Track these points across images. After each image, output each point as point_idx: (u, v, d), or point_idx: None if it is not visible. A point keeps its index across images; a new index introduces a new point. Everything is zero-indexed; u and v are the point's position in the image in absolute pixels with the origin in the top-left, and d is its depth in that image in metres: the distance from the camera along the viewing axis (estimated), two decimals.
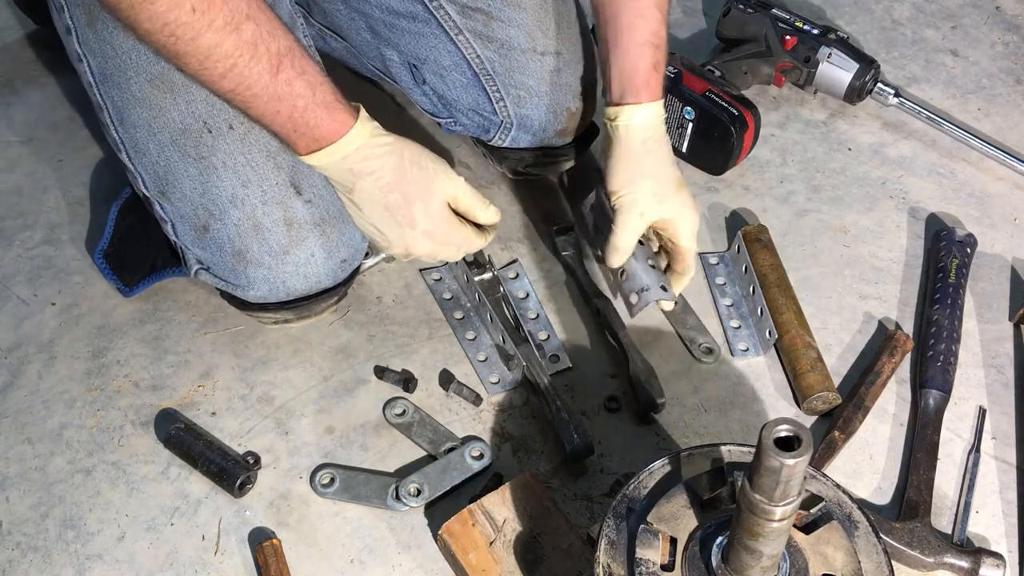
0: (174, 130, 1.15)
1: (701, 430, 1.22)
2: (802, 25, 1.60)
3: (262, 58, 1.02)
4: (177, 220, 1.20)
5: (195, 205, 1.17)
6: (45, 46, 1.65)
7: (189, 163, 1.15)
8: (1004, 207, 1.49)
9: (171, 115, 1.14)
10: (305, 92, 1.05)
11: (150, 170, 1.18)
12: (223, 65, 1.01)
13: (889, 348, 1.26)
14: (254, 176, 1.15)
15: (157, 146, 1.16)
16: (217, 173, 1.15)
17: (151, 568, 1.09)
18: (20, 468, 1.16)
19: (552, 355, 1.28)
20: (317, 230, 1.18)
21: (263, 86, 1.03)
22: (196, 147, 1.14)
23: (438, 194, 1.15)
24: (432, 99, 1.38)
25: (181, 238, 1.21)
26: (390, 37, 1.35)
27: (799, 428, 0.75)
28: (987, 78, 1.70)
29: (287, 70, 1.03)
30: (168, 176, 1.17)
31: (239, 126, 1.14)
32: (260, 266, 1.17)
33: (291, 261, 1.18)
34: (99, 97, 1.20)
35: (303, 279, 1.19)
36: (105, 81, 1.17)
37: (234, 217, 1.15)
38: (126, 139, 1.19)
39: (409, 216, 1.14)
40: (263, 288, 1.19)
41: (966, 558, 1.09)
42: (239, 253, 1.17)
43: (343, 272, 1.23)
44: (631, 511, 0.94)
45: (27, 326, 1.29)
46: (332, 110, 1.07)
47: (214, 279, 1.21)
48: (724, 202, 1.48)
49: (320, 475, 1.15)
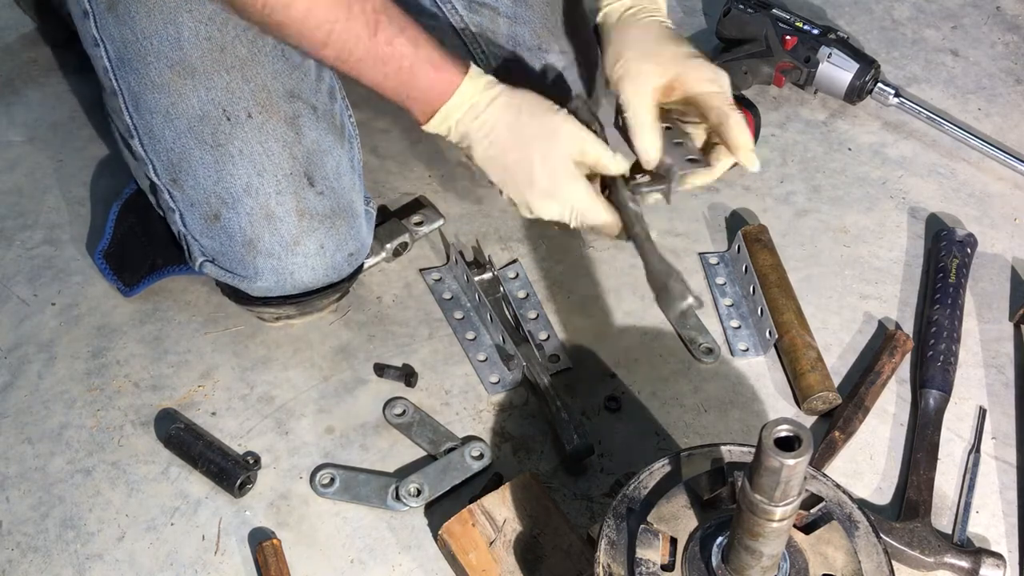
0: (192, 116, 1.14)
1: (701, 430, 1.22)
2: (802, 25, 1.60)
3: (358, 18, 1.00)
4: (187, 209, 1.19)
5: (208, 193, 1.16)
6: (45, 46, 1.65)
7: (205, 150, 1.15)
8: (1004, 207, 1.49)
9: (190, 101, 1.14)
10: (407, 51, 1.03)
11: (163, 157, 1.18)
12: (322, 32, 1.00)
13: (889, 348, 1.26)
14: (270, 165, 1.14)
15: (173, 132, 1.16)
16: (233, 161, 1.14)
17: (151, 568, 1.09)
18: (20, 468, 1.16)
19: (552, 355, 1.28)
20: (327, 222, 1.18)
21: (365, 49, 1.02)
22: (213, 134, 1.14)
23: (559, 148, 1.06)
24: None
25: (189, 227, 1.20)
26: None
27: (799, 428, 0.75)
28: (987, 78, 1.70)
29: (385, 28, 1.01)
30: (182, 163, 1.17)
31: (258, 115, 1.13)
32: (270, 256, 1.17)
33: (300, 252, 1.17)
34: (114, 82, 1.19)
35: (310, 271, 1.19)
36: (122, 66, 1.17)
37: (247, 206, 1.15)
38: (140, 125, 1.19)
39: (529, 175, 1.07)
40: (270, 279, 1.19)
41: (966, 558, 1.09)
42: (249, 243, 1.17)
43: (349, 266, 1.23)
44: (631, 511, 0.94)
45: (27, 326, 1.29)
46: (438, 67, 1.04)
47: (219, 271, 1.21)
48: (724, 202, 1.48)
49: (320, 475, 1.15)
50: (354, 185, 1.22)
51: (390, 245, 1.36)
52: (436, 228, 1.40)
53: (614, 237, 1.10)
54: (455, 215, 1.43)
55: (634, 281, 1.36)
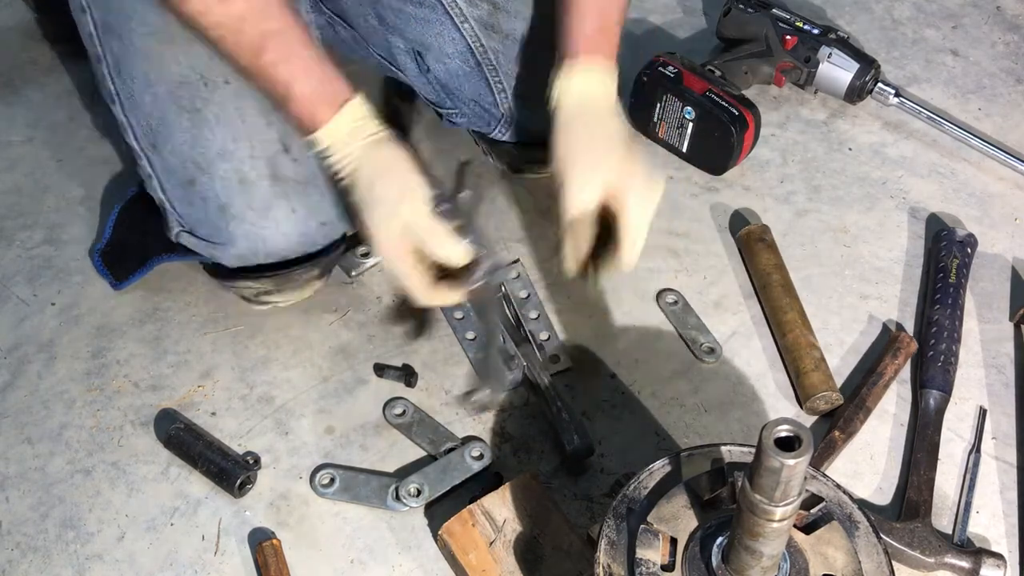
0: (171, 82, 1.15)
1: (701, 430, 1.22)
2: (802, 25, 1.60)
3: (246, 36, 1.03)
4: (163, 174, 1.20)
5: (184, 158, 1.17)
6: (45, 46, 1.65)
7: (183, 115, 1.16)
8: (1004, 207, 1.49)
9: (170, 67, 1.15)
10: (284, 78, 1.06)
11: (143, 122, 1.19)
12: (214, 33, 1.04)
13: (892, 349, 1.26)
14: (244, 131, 1.16)
15: (153, 98, 1.17)
16: (209, 126, 1.15)
17: (151, 568, 1.09)
18: (20, 468, 1.16)
19: (552, 355, 1.28)
20: (300, 188, 1.18)
21: (245, 65, 1.05)
22: (191, 100, 1.15)
23: (393, 219, 1.06)
24: (435, 87, 1.39)
25: (167, 194, 1.21)
26: (396, 24, 1.36)
27: (799, 428, 0.75)
28: (988, 78, 1.70)
29: (270, 53, 1.04)
30: (160, 128, 1.18)
31: (235, 81, 1.14)
32: (243, 221, 1.18)
33: (272, 217, 1.18)
34: (99, 48, 1.20)
35: (283, 237, 1.19)
36: (107, 32, 1.18)
37: (221, 170, 1.16)
38: (122, 90, 1.19)
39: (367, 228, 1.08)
40: (243, 245, 1.19)
41: (967, 558, 1.09)
42: (223, 208, 1.17)
43: (323, 237, 1.23)
44: (631, 511, 0.94)
45: (27, 326, 1.29)
46: (310, 104, 1.07)
47: (196, 241, 1.22)
48: (724, 202, 1.48)
49: (320, 475, 1.15)
50: None
51: None
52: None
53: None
54: None
55: (634, 281, 1.36)
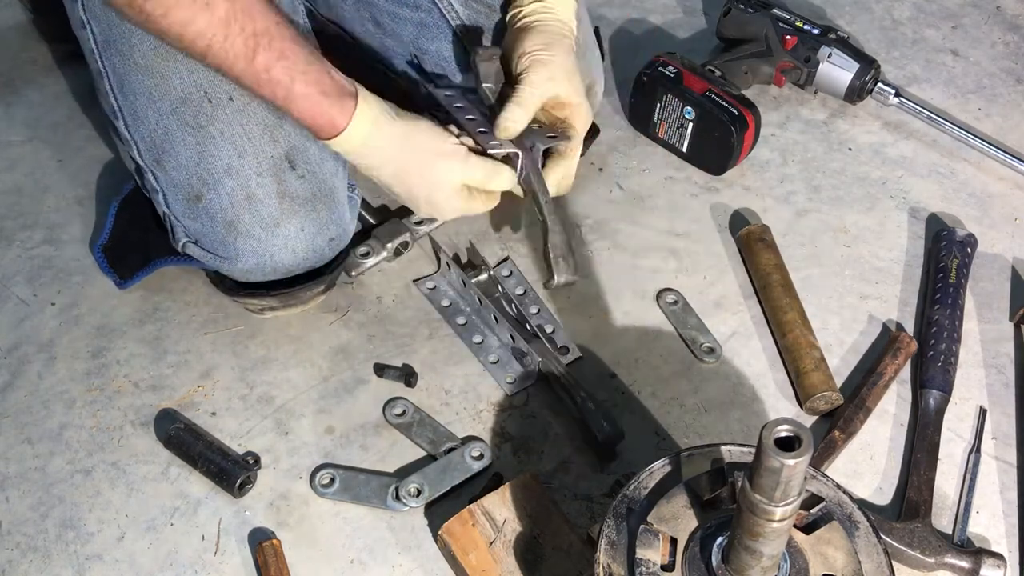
0: (174, 98, 1.15)
1: (701, 430, 1.22)
2: (802, 25, 1.60)
3: (236, 38, 1.02)
4: (169, 190, 1.20)
5: (189, 174, 1.17)
6: (44, 46, 1.65)
7: (187, 132, 1.16)
8: (1004, 207, 1.49)
9: (173, 83, 1.15)
10: (283, 79, 1.05)
11: (146, 138, 1.19)
12: (201, 44, 1.02)
13: (893, 350, 1.26)
14: (250, 148, 1.15)
15: (156, 114, 1.17)
16: (214, 143, 1.15)
17: (151, 568, 1.09)
18: (20, 468, 1.16)
19: (562, 346, 1.28)
20: (308, 205, 1.18)
21: (242, 69, 1.04)
22: (195, 116, 1.15)
23: (444, 184, 1.16)
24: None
25: (172, 208, 1.21)
26: (393, 28, 1.36)
27: (799, 428, 0.75)
28: (988, 78, 1.70)
29: (264, 53, 1.03)
30: (164, 144, 1.17)
31: (239, 98, 1.14)
32: (250, 237, 1.17)
33: (280, 234, 1.18)
34: (100, 64, 1.20)
35: (291, 253, 1.19)
36: (108, 48, 1.18)
37: (228, 187, 1.16)
38: (124, 106, 1.19)
39: (415, 202, 1.18)
40: (251, 260, 1.19)
41: (967, 558, 1.09)
42: (230, 224, 1.17)
43: (331, 251, 1.23)
44: (631, 511, 0.94)
45: (27, 326, 1.29)
46: (316, 103, 1.07)
47: (202, 252, 1.21)
48: (724, 202, 1.48)
49: (320, 475, 1.15)
50: (336, 171, 1.22)
51: (391, 245, 1.36)
52: (436, 227, 1.40)
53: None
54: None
55: (634, 281, 1.36)
